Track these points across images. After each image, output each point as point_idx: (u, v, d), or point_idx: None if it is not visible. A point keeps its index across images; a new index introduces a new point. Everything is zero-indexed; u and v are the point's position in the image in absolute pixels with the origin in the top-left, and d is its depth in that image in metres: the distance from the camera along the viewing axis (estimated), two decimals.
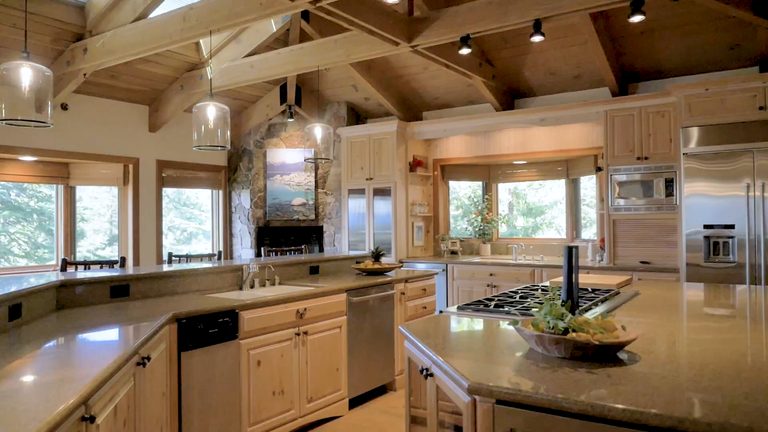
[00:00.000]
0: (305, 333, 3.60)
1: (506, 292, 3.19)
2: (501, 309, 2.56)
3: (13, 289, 2.47)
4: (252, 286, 4.02)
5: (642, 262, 5.25)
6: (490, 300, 2.87)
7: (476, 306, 2.68)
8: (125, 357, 1.90)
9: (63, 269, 3.87)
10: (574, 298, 1.95)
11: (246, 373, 3.19)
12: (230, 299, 3.26)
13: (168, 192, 7.43)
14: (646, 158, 5.21)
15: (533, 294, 3.07)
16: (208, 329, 2.96)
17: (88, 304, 3.08)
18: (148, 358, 2.21)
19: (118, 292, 3.23)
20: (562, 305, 1.89)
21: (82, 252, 6.73)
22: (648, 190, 5.20)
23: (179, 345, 2.82)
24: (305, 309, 3.59)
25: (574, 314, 1.91)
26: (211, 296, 3.45)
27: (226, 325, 3.06)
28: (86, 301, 3.08)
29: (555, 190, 7.19)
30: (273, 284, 4.19)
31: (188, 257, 4.68)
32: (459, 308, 2.69)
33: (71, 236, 6.30)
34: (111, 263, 4.01)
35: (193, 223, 7.86)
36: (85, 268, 3.98)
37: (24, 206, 6.45)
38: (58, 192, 6.28)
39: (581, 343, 1.72)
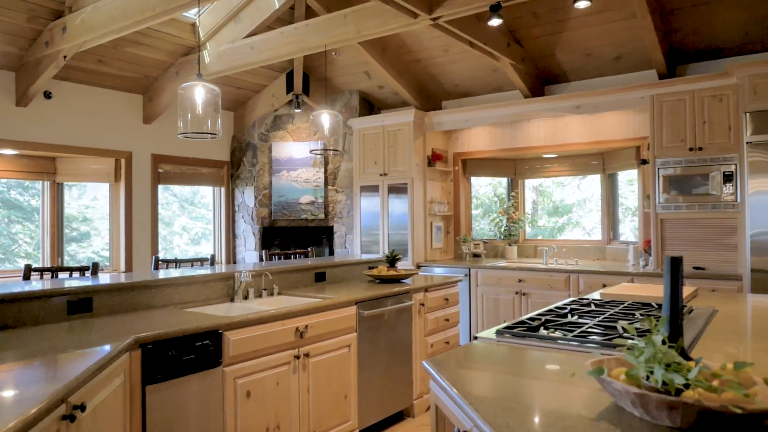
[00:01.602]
0: (306, 355, 3.00)
1: (551, 308, 2.57)
2: (555, 337, 1.94)
3: None
4: (246, 297, 3.43)
5: (695, 268, 4.59)
6: (533, 320, 2.26)
7: (520, 329, 2.07)
8: (32, 416, 1.31)
9: (26, 277, 3.32)
10: (683, 333, 1.32)
11: (232, 407, 2.60)
12: (213, 316, 2.68)
13: (184, 190, 6.89)
14: (700, 149, 4.54)
15: (586, 310, 2.44)
16: (183, 356, 2.38)
17: (38, 323, 2.51)
18: (83, 408, 1.63)
19: (78, 307, 2.66)
20: (669, 347, 1.27)
21: (87, 254, 6.24)
22: (702, 185, 4.53)
23: (144, 377, 2.24)
24: (306, 326, 3.00)
25: (687, 359, 1.29)
26: (192, 311, 2.87)
27: (206, 350, 2.47)
28: (36, 319, 2.51)
29: (583, 186, 6.54)
30: (271, 294, 3.60)
31: (177, 262, 4.11)
32: (498, 333, 2.08)
33: (58, 237, 5.76)
34: (82, 270, 3.45)
35: (200, 223, 7.31)
36: (52, 276, 3.42)
37: (25, 205, 5.97)
38: (44, 189, 5.75)
39: (714, 409, 1.10)
